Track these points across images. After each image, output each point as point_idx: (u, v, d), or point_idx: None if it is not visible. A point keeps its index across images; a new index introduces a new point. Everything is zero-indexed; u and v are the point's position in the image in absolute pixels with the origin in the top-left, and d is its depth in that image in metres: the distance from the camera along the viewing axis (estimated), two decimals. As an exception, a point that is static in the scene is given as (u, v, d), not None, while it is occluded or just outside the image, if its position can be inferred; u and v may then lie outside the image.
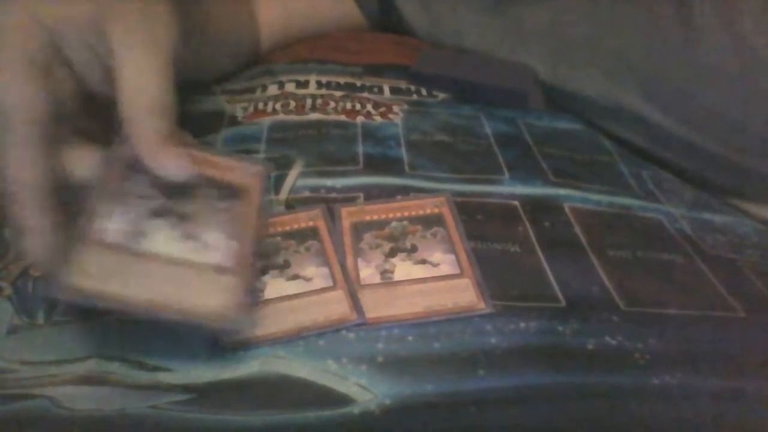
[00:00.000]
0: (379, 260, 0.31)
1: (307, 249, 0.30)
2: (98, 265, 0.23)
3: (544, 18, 0.47)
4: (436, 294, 0.29)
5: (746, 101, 0.40)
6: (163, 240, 0.24)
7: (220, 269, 0.24)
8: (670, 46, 0.42)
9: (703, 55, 0.40)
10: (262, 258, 0.28)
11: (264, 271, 0.28)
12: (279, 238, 0.31)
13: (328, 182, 0.36)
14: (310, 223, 0.32)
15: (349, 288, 0.29)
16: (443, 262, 0.31)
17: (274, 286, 0.29)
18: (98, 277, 0.23)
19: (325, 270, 0.29)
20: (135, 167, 0.25)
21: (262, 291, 0.28)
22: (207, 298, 0.23)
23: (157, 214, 0.25)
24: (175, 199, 0.25)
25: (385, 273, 0.30)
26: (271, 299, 0.28)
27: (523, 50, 0.48)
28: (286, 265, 0.30)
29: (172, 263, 0.24)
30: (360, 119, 0.42)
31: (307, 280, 0.29)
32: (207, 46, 0.42)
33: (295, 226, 0.32)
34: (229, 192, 0.26)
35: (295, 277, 0.29)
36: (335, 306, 0.28)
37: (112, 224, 0.24)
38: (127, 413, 0.24)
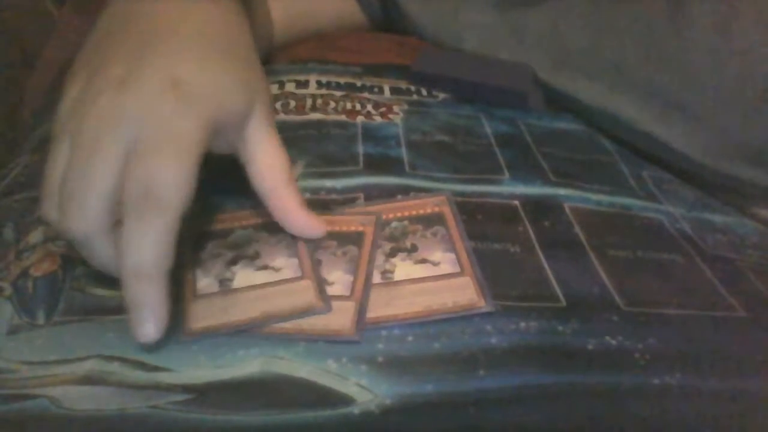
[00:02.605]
0: (380, 260, 0.31)
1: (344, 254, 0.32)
2: (207, 308, 0.28)
3: (544, 24, 0.47)
4: (436, 293, 0.29)
5: (741, 112, 0.40)
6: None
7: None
8: (666, 57, 0.42)
9: (698, 64, 0.40)
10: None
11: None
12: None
13: (328, 183, 0.36)
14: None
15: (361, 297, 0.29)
16: (443, 261, 0.31)
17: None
18: (211, 316, 0.28)
19: (349, 277, 0.30)
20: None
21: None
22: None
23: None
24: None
25: (385, 273, 0.30)
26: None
27: (523, 55, 0.48)
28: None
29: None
30: (360, 119, 0.42)
31: (329, 284, 0.30)
32: None
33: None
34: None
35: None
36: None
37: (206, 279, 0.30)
38: (127, 413, 0.24)
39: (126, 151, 0.25)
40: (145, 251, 0.25)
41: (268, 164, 0.30)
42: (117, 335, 0.27)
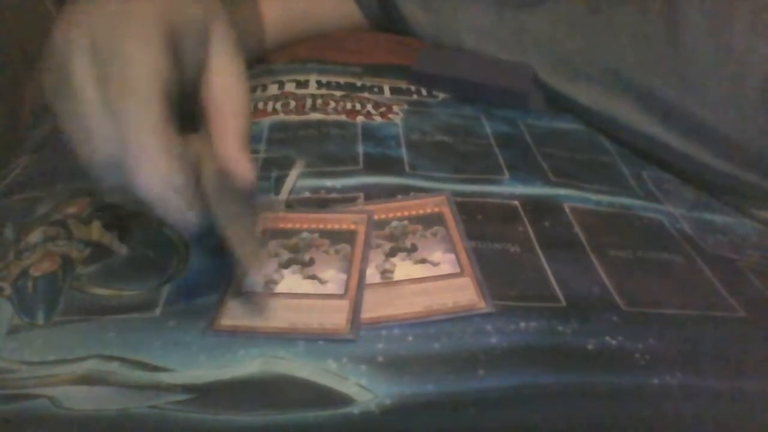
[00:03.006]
0: (380, 260, 0.31)
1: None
2: (243, 307, 0.29)
3: (543, 26, 0.47)
4: (436, 293, 0.29)
5: (739, 113, 0.40)
6: (290, 283, 0.30)
7: (335, 297, 0.29)
8: (664, 59, 0.42)
9: (696, 67, 0.40)
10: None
11: (287, 265, 0.31)
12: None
13: (328, 182, 0.36)
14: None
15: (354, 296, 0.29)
16: (443, 261, 0.31)
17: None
18: (243, 316, 0.28)
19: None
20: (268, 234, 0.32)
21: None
22: (325, 318, 0.28)
23: (284, 266, 0.31)
24: (300, 252, 0.31)
25: (385, 273, 0.30)
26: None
27: (522, 56, 0.48)
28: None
29: (298, 297, 0.29)
30: (360, 119, 0.42)
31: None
32: None
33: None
34: (339, 238, 0.32)
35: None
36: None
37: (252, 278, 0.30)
38: (128, 413, 0.24)
39: (90, 60, 0.24)
40: (142, 136, 0.23)
41: (222, 89, 0.28)
42: (117, 335, 0.27)
